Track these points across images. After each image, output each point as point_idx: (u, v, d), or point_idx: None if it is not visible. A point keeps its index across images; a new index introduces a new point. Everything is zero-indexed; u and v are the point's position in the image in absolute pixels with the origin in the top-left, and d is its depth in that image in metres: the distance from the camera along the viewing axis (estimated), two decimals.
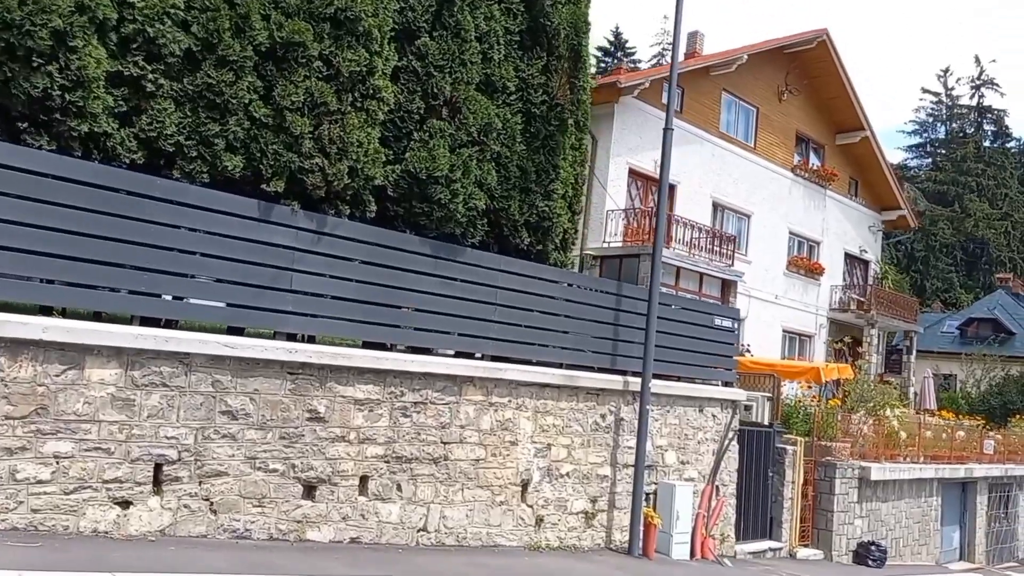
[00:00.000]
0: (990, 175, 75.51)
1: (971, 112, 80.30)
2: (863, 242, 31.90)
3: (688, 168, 24.64)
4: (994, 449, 24.19)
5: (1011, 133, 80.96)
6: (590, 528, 11.90)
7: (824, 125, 29.76)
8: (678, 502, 12.67)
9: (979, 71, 78.46)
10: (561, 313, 11.74)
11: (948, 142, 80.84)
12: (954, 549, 22.57)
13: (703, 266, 22.82)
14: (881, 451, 18.26)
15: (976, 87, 79.12)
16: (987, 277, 69.65)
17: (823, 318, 29.80)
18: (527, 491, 11.08)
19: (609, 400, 12.22)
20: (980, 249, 73.48)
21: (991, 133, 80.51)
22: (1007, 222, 72.38)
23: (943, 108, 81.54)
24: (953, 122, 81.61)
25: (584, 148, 12.62)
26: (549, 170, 11.21)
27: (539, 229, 11.39)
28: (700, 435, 13.75)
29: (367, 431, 9.35)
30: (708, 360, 13.96)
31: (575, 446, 11.71)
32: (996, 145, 79.45)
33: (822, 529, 16.55)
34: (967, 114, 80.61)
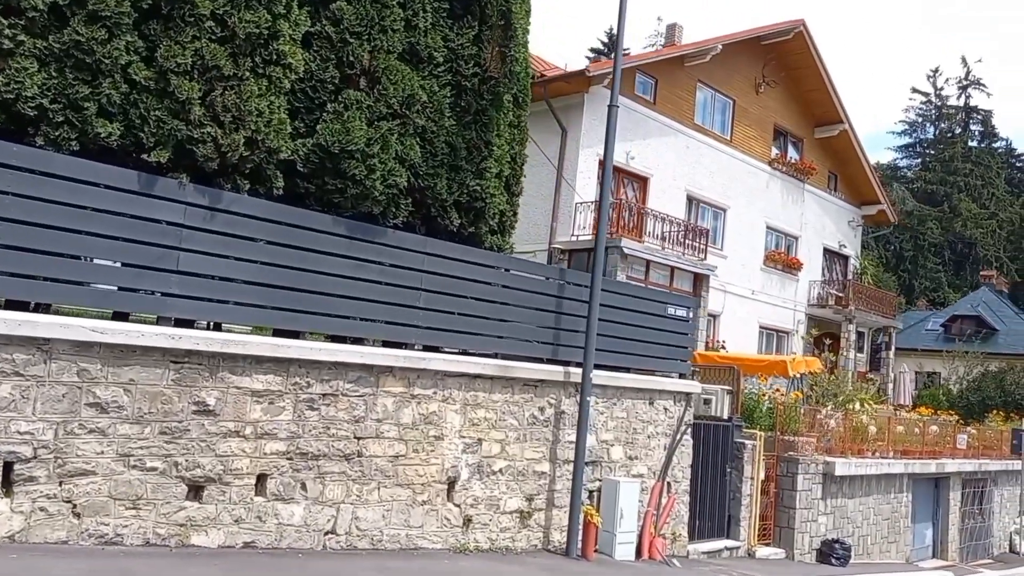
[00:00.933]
0: (977, 175, 74.46)
1: (959, 113, 79.11)
2: (842, 237, 30.87)
3: (662, 161, 23.64)
4: (967, 444, 23.17)
5: (997, 133, 79.96)
6: (526, 528, 10.90)
7: (802, 118, 28.72)
8: (623, 500, 11.66)
9: (966, 72, 77.29)
10: (497, 300, 10.71)
11: (937, 142, 79.70)
12: (927, 546, 21.57)
13: (674, 259, 21.81)
14: (848, 446, 17.25)
15: (963, 88, 77.98)
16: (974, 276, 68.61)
17: (801, 314, 28.79)
18: (454, 489, 10.07)
19: (549, 392, 11.21)
20: (968, 248, 72.40)
21: (978, 133, 79.37)
22: (994, 221, 71.35)
23: (932, 109, 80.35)
24: (942, 122, 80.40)
25: (525, 126, 11.59)
26: (481, 147, 10.19)
27: (471, 210, 10.36)
28: (650, 429, 12.74)
29: (266, 425, 8.36)
30: (660, 351, 12.93)
31: (510, 441, 10.70)
32: (983, 145, 78.35)
33: (784, 527, 15.54)
34: (955, 115, 79.38)
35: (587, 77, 21.14)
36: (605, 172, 11.74)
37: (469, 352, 10.45)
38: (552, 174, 21.64)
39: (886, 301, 30.63)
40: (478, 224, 10.50)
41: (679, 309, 13.38)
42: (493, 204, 10.50)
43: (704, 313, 22.66)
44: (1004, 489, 25.61)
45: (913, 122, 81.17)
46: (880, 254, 67.30)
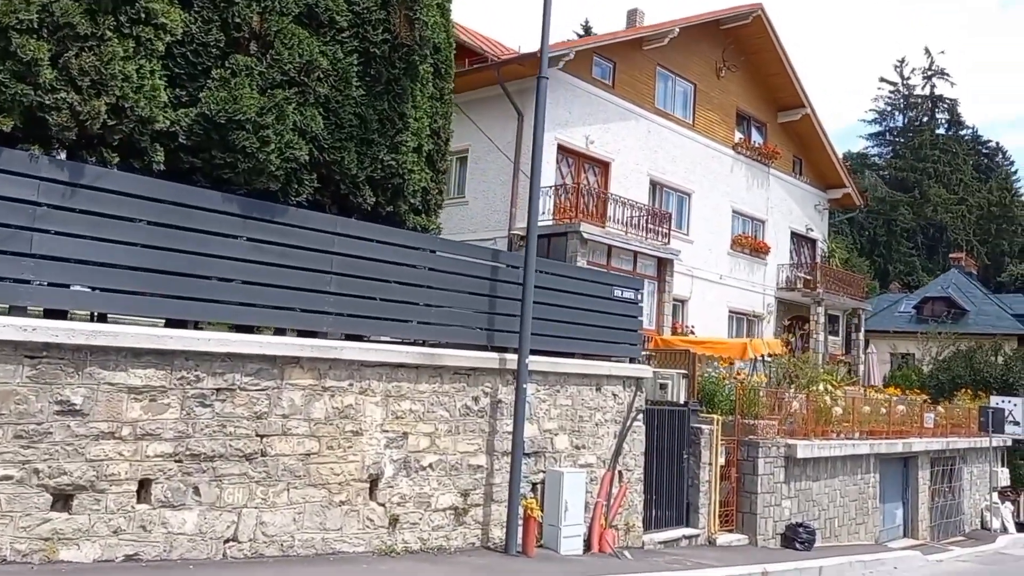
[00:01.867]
0: (945, 161, 73.79)
1: (925, 102, 78.42)
2: (809, 220, 29.87)
3: (623, 146, 22.56)
4: (935, 422, 22.20)
5: (963, 121, 79.25)
6: (462, 526, 9.82)
7: (765, 103, 27.69)
8: (567, 491, 10.59)
9: (930, 62, 76.49)
10: (423, 284, 9.63)
11: (906, 130, 79.01)
12: (897, 526, 20.58)
13: (636, 244, 20.74)
14: (811, 428, 16.22)
15: (928, 77, 77.23)
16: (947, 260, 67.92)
17: (770, 298, 27.76)
18: (377, 487, 8.98)
19: (483, 380, 10.13)
20: (939, 233, 71.67)
21: (945, 121, 78.58)
22: (962, 206, 70.61)
23: (900, 98, 79.60)
24: (910, 111, 79.70)
25: (450, 100, 10.50)
26: (395, 119, 9.07)
27: (387, 187, 9.26)
28: (598, 416, 11.67)
29: (148, 425, 7.25)
30: (607, 334, 11.86)
31: (440, 434, 9.62)
32: (950, 133, 77.61)
33: (746, 512, 14.50)
34: (922, 103, 78.71)
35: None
36: (536, 143, 10.63)
37: (391, 340, 9.37)
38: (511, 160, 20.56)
39: (855, 283, 29.62)
40: (397, 202, 9.40)
41: (626, 291, 12.31)
42: (413, 181, 9.40)
43: (669, 298, 21.63)
44: (973, 466, 24.66)
45: (882, 111, 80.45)
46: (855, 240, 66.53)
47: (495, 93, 20.88)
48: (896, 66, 78.51)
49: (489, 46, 23.08)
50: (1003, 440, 26.70)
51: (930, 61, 76.58)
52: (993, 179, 74.37)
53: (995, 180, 73.84)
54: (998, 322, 43.15)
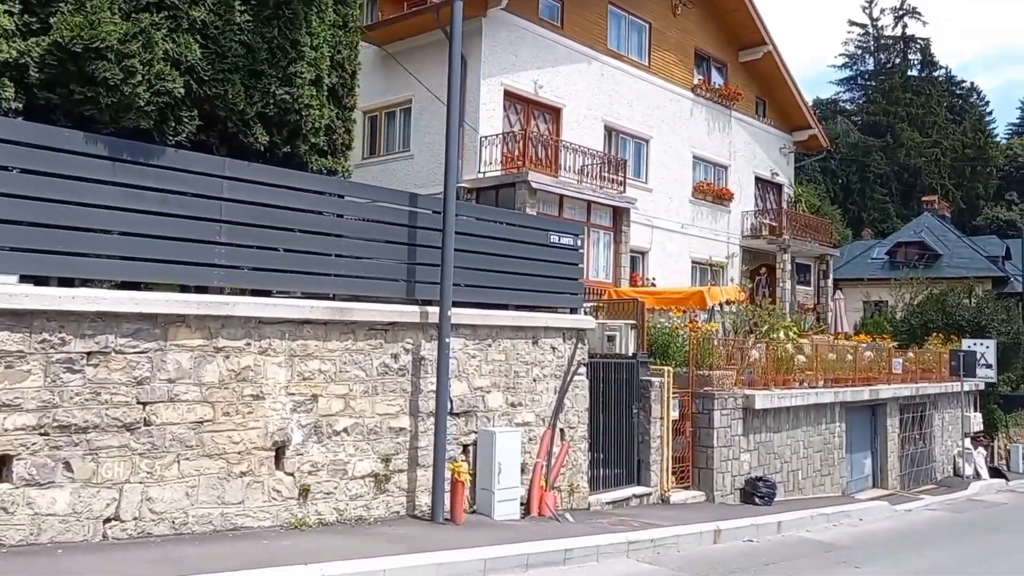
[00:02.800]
0: (919, 104, 73.66)
1: (897, 43, 78.04)
2: (774, 165, 29.38)
3: (575, 90, 21.84)
4: (904, 368, 21.99)
5: (936, 61, 78.96)
6: (384, 494, 9.28)
7: (725, 41, 27.01)
8: (501, 452, 10.08)
9: (901, 1, 75.81)
10: (332, 232, 8.99)
11: (877, 74, 78.76)
12: (866, 476, 20.41)
13: (589, 193, 20.12)
14: (771, 377, 15.84)
15: (899, 17, 76.78)
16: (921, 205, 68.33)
17: (735, 246, 27.35)
18: (284, 456, 8.41)
19: (404, 336, 9.55)
20: (914, 178, 71.66)
21: (917, 63, 78.27)
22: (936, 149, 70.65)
23: (870, 40, 79.17)
24: (880, 54, 79.38)
25: (356, 30, 9.77)
26: (287, 47, 8.35)
27: (283, 125, 8.57)
28: (536, 371, 11.15)
29: (5, 395, 6.61)
30: (544, 283, 11.29)
31: (356, 395, 9.04)
32: (923, 74, 77.34)
33: (703, 468, 14.12)
34: (893, 45, 78.34)
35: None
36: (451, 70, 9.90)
37: (292, 294, 8.74)
38: None
39: (822, 229, 29.27)
40: (295, 142, 8.72)
41: (564, 237, 11.72)
42: (312, 117, 8.71)
43: (626, 249, 21.10)
44: (945, 412, 24.58)
45: (852, 55, 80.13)
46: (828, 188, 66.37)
47: (436, 38, 20.04)
48: (864, 7, 78.02)
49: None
50: (975, 384, 26.67)
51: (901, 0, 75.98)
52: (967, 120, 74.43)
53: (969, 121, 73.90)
54: (972, 265, 43.24)
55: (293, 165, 8.80)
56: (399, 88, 21.11)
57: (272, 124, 8.47)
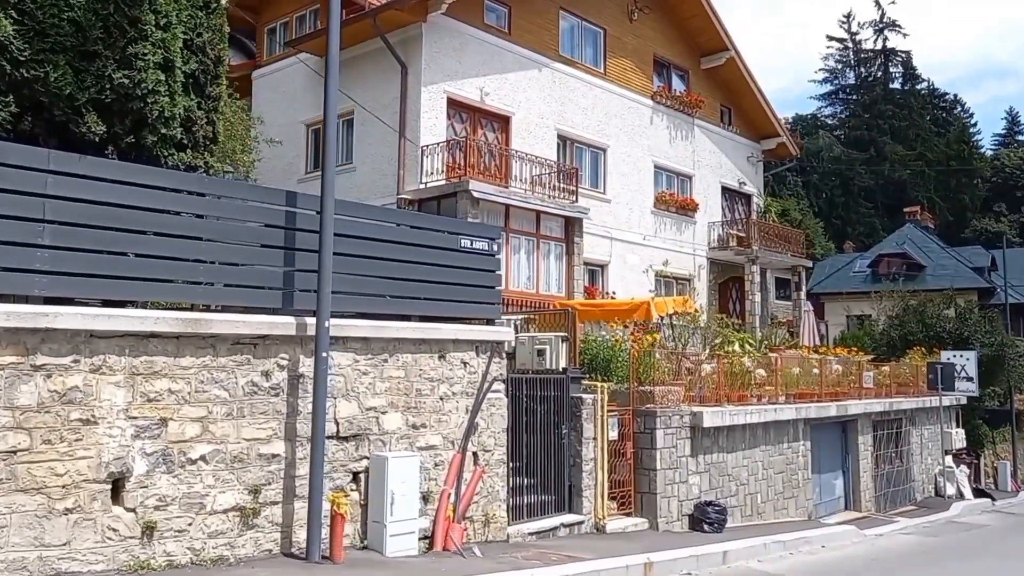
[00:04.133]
0: (902, 117, 73.42)
1: (877, 56, 77.78)
2: (742, 174, 28.53)
3: (525, 97, 21.02)
4: (878, 382, 21.03)
5: (919, 74, 78.75)
6: (252, 530, 8.25)
7: (685, 48, 26.24)
8: (394, 480, 9.06)
9: (880, 14, 75.72)
10: (191, 235, 8.03)
11: (858, 87, 78.46)
12: (837, 499, 19.38)
13: (537, 203, 19.21)
14: (724, 393, 14.87)
15: (879, 30, 76.55)
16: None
17: (702, 258, 26.42)
18: (123, 489, 7.38)
19: (278, 351, 8.56)
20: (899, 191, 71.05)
21: (899, 76, 78.02)
22: (921, 162, 70.14)
23: (850, 54, 78.93)
24: (861, 67, 79.09)
25: (220, 11, 8.86)
26: (125, 26, 7.44)
27: (124, 113, 7.65)
28: (444, 389, 10.16)
29: None
30: (454, 292, 10.32)
31: (217, 418, 8.04)
32: (906, 87, 77.10)
33: (645, 493, 13.10)
34: (873, 58, 78.11)
35: (424, 3, 18.38)
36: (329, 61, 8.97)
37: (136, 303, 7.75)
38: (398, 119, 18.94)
39: (794, 239, 28.36)
40: (142, 133, 7.78)
41: (478, 241, 10.78)
42: (161, 105, 7.78)
43: (579, 261, 20.15)
44: (924, 428, 23.59)
45: (832, 69, 79.77)
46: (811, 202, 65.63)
47: (376, 46, 19.26)
48: (842, 22, 77.87)
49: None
50: (956, 399, 25.72)
51: (880, 13, 75.85)
52: (951, 132, 74.01)
53: (953, 133, 73.47)
54: (957, 276, 42.39)
55: (144, 159, 7.85)
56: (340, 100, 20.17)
57: (112, 112, 7.55)
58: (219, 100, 8.75)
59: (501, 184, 19.29)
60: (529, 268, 19.26)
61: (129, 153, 7.73)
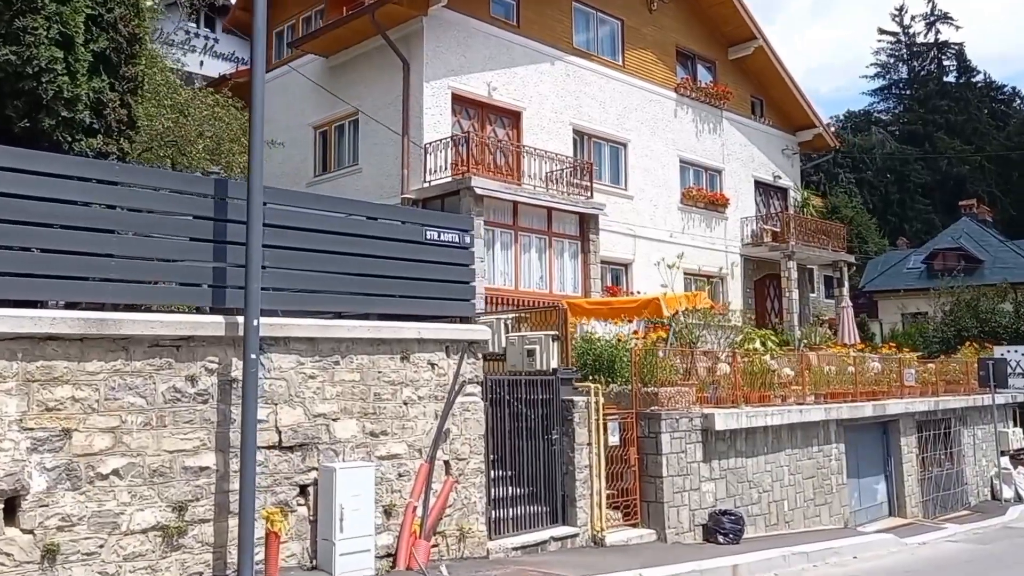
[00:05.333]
0: (958, 110, 70.47)
1: (930, 49, 74.89)
2: (776, 168, 27.07)
3: (537, 92, 20.05)
4: (923, 380, 19.44)
5: (974, 67, 75.47)
6: (178, 551, 7.37)
7: (710, 38, 24.97)
8: (343, 493, 8.11)
9: (931, 7, 72.87)
10: (100, 227, 7.22)
11: (911, 82, 75.65)
12: (879, 504, 17.87)
13: (547, 200, 18.18)
14: (741, 393, 13.61)
15: (931, 24, 73.72)
16: None
17: (735, 255, 25.03)
18: (18, 508, 6.54)
19: (205, 354, 7.69)
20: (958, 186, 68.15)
21: (953, 68, 74.97)
22: (980, 156, 67.21)
23: (902, 48, 76.13)
24: (914, 61, 76.24)
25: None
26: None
27: (16, 94, 6.86)
28: (408, 393, 9.19)
29: None
30: (419, 288, 9.36)
31: (132, 428, 7.19)
32: (961, 80, 74.03)
33: (652, 502, 11.95)
34: (926, 52, 75.20)
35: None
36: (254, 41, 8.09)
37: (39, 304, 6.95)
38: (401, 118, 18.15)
39: (834, 233, 26.76)
40: (38, 116, 6.99)
41: (447, 233, 9.80)
42: (60, 85, 6.99)
43: (595, 259, 19.05)
44: (977, 428, 21.81)
45: (885, 64, 77.05)
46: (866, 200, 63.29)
47: (377, 44, 18.52)
48: (894, 15, 75.15)
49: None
50: (1011, 396, 23.83)
51: (931, 5, 73.03)
52: (1012, 125, 70.74)
53: (1013, 126, 70.23)
54: (1017, 269, 40.01)
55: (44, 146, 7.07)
56: (346, 100, 19.55)
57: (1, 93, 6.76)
58: (136, 82, 7.95)
59: (513, 181, 18.34)
60: (541, 267, 18.23)
61: (25, 138, 6.96)
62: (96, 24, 7.39)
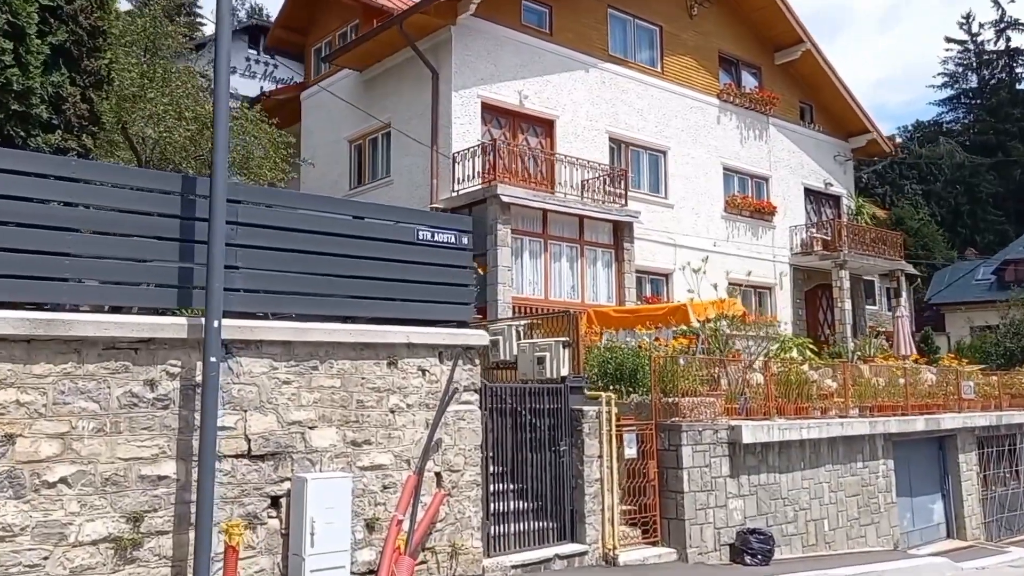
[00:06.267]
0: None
1: (1000, 57, 71.68)
2: (828, 175, 25.78)
3: (571, 100, 19.39)
4: (984, 393, 18.00)
5: None
6: (132, 564, 6.84)
7: (755, 42, 23.95)
8: (315, 505, 7.49)
9: (1000, 13, 69.80)
10: (59, 225, 6.81)
11: (981, 91, 72.49)
12: (936, 525, 16.50)
13: (578, 207, 17.46)
14: (774, 404, 12.60)
15: (1000, 31, 70.59)
16: None
17: (783, 265, 23.83)
18: None
19: (167, 357, 7.18)
20: None
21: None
22: None
23: (971, 56, 73.11)
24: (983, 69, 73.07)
25: None
26: None
27: None
28: (394, 400, 8.55)
29: None
30: (411, 291, 8.73)
31: (83, 434, 6.71)
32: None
33: (672, 518, 11.04)
34: (996, 59, 72.00)
35: (452, 3, 17.10)
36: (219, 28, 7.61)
37: None
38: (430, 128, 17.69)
39: (890, 242, 25.28)
40: None
41: (441, 233, 9.17)
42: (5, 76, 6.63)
43: (630, 268, 18.20)
44: None
45: (953, 73, 74.05)
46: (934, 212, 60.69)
47: (407, 56, 18.15)
48: (962, 23, 72.19)
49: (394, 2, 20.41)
50: None
51: (1000, 12, 69.95)
52: None
53: None
54: None
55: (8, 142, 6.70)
56: (378, 113, 19.21)
57: None
58: (99, 77, 7.54)
59: (545, 190, 17.68)
60: (573, 277, 17.48)
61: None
62: (54, 16, 7.02)
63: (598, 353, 12.51)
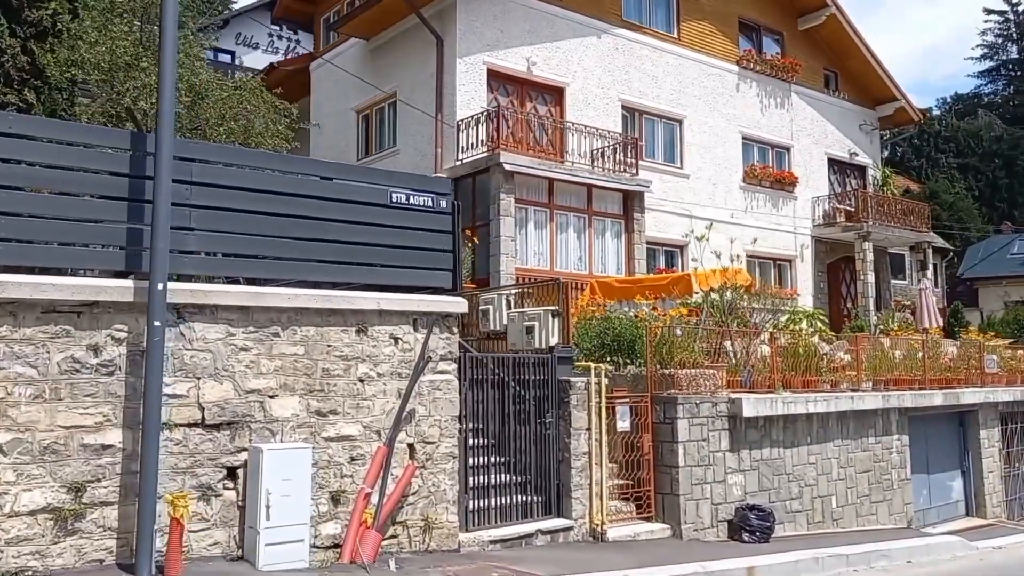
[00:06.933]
0: None
1: None
2: (853, 144, 24.75)
3: (581, 67, 18.69)
4: (1002, 367, 17.11)
5: None
6: (73, 535, 6.47)
7: (777, 7, 22.95)
8: (271, 476, 7.06)
9: None
10: None
11: (1021, 62, 69.88)
12: (955, 503, 15.75)
13: (586, 177, 16.81)
14: (779, 377, 11.93)
15: None
16: None
17: (805, 236, 22.96)
18: None
19: (111, 321, 6.76)
20: None
21: None
22: None
23: (1011, 27, 70.49)
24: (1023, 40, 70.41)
25: None
26: None
27: None
28: (364, 369, 8.08)
29: None
30: (384, 255, 8.23)
31: (20, 401, 6.32)
32: None
33: (667, 494, 10.48)
34: None
35: None
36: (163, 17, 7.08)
37: None
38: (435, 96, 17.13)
39: (916, 212, 24.23)
40: None
41: (417, 196, 8.63)
42: None
43: (640, 239, 17.53)
44: None
45: (992, 44, 71.50)
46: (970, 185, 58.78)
47: (413, 23, 17.56)
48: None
49: None
50: None
51: None
52: None
53: None
54: None
55: None
56: (384, 83, 18.69)
57: None
58: (43, 27, 7.09)
59: (554, 159, 17.05)
60: (580, 247, 16.86)
61: None
62: None
63: (596, 323, 11.94)
